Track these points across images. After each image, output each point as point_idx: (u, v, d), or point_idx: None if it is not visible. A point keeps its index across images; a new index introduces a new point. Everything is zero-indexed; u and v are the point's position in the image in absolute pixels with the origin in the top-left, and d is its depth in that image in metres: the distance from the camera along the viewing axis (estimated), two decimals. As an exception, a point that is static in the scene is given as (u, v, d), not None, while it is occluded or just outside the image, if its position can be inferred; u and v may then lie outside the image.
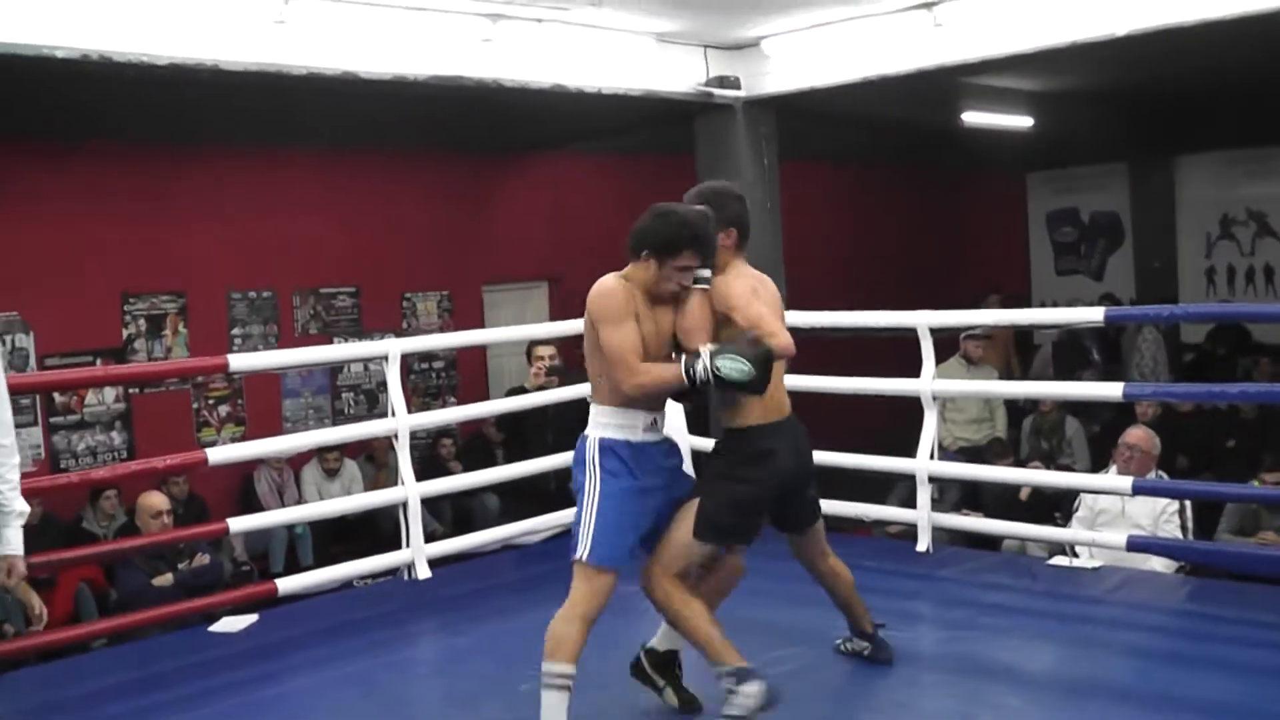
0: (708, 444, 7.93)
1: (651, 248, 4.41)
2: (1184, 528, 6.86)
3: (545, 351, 8.32)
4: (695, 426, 7.67)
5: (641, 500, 4.42)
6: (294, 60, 7.20)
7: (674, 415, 7.53)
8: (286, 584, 6.38)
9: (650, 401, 4.42)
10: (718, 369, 4.19)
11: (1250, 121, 14.46)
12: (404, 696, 5.26)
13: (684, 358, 4.30)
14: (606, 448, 4.40)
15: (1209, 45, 8.67)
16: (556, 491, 8.05)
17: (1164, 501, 6.89)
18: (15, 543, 4.20)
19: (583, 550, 4.37)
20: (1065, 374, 12.95)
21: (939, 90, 10.66)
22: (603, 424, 4.43)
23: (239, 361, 7.01)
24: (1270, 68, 11.10)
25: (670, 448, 4.61)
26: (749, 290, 4.60)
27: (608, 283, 4.47)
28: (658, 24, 8.64)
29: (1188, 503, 6.97)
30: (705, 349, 4.27)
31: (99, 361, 10.16)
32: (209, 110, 9.28)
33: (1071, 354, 13.65)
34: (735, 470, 4.60)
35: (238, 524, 6.42)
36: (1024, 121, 12.99)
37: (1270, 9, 7.26)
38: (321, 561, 8.41)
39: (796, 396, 5.88)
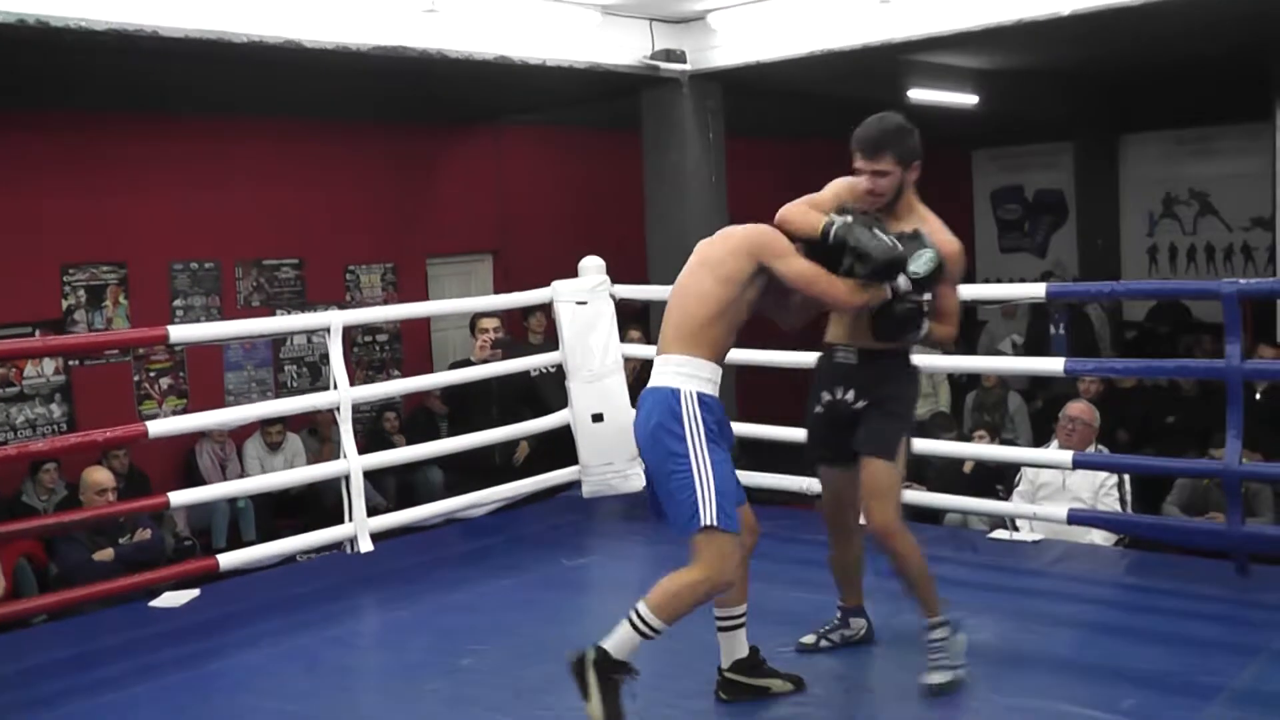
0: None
1: None
2: (1123, 501, 6.94)
3: (490, 324, 8.29)
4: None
5: (731, 461, 4.25)
6: (236, 27, 7.12)
7: (617, 389, 7.56)
8: (228, 559, 6.34)
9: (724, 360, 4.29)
10: (915, 273, 4.26)
11: (1193, 102, 14.61)
12: (346, 671, 5.25)
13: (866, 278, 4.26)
14: (706, 402, 4.16)
15: (1152, 26, 8.73)
16: (502, 465, 8.05)
17: (1104, 475, 6.96)
18: None
19: (709, 515, 4.06)
20: (1036, 349, 13.10)
21: (885, 66, 10.69)
22: (698, 377, 4.18)
23: (180, 333, 6.93)
24: (1213, 49, 11.22)
25: None
26: (961, 273, 4.69)
27: (767, 227, 4.35)
28: (604, -4, 8.62)
29: (1126, 476, 7.05)
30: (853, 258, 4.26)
31: (38, 333, 10.03)
32: (150, 78, 9.17)
33: (1042, 330, 13.78)
34: (908, 389, 4.69)
35: (179, 498, 6.37)
36: (969, 99, 13.04)
37: (1213, -10, 7.33)
38: (264, 536, 8.38)
39: (744, 371, 5.91)
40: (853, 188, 4.54)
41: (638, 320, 10.71)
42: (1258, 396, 9.86)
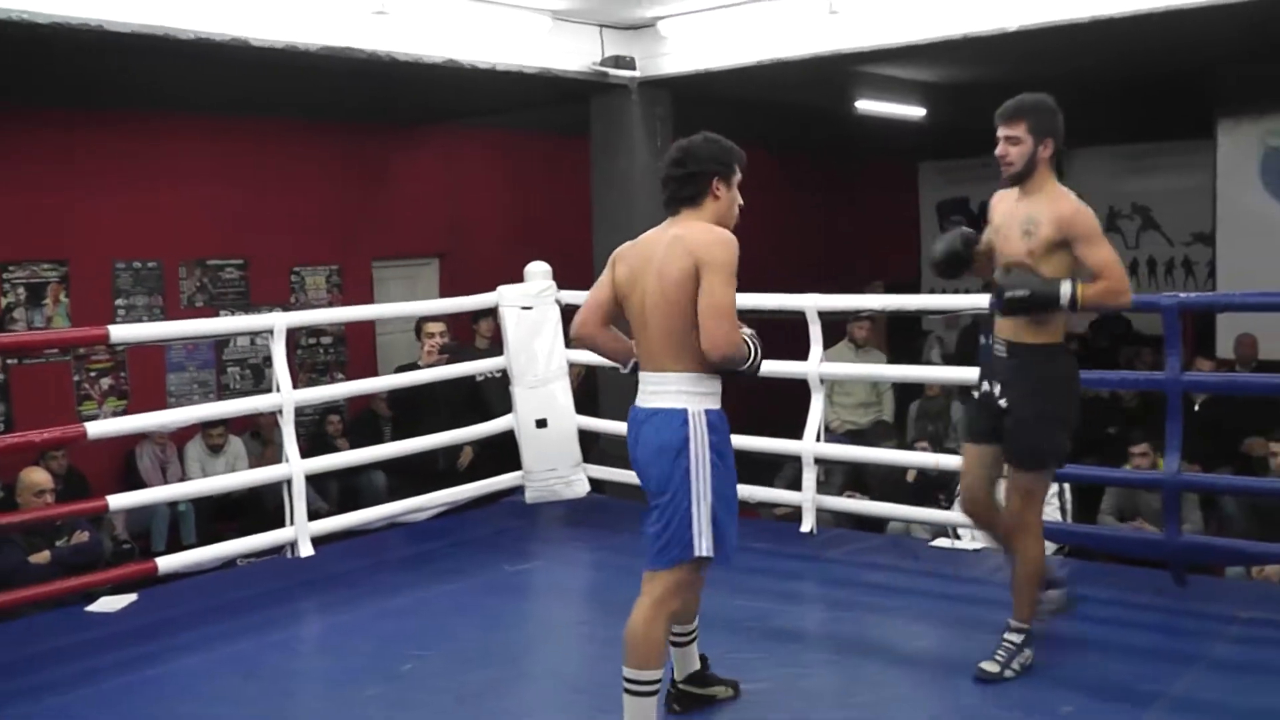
0: (597, 424, 7.99)
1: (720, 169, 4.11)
2: (1063, 510, 7.01)
3: (436, 329, 8.27)
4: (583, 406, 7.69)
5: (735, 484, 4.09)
6: (182, 23, 7.03)
7: (562, 395, 7.56)
8: (167, 562, 6.29)
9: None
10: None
11: (1137, 118, 14.76)
12: (286, 676, 5.20)
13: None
14: (714, 423, 3.98)
15: (1097, 43, 8.82)
16: (446, 469, 8.02)
17: (1044, 485, 7.01)
18: None
19: (705, 546, 3.92)
20: (967, 360, 13.17)
21: (833, 77, 10.73)
22: (699, 393, 3.97)
23: (120, 332, 6.86)
24: (1156, 67, 11.34)
25: None
26: (1098, 228, 4.62)
27: (722, 232, 3.99)
28: (553, 2, 8.59)
29: (1066, 486, 7.11)
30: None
31: (-25, 331, 9.91)
32: (95, 73, 9.06)
33: (972, 341, 13.88)
34: (1052, 391, 4.70)
35: (118, 501, 6.30)
36: (917, 111, 13.11)
37: (1159, 8, 7.42)
38: (205, 540, 8.29)
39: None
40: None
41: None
42: (1196, 408, 9.98)
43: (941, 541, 6.80)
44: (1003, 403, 4.73)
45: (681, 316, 3.94)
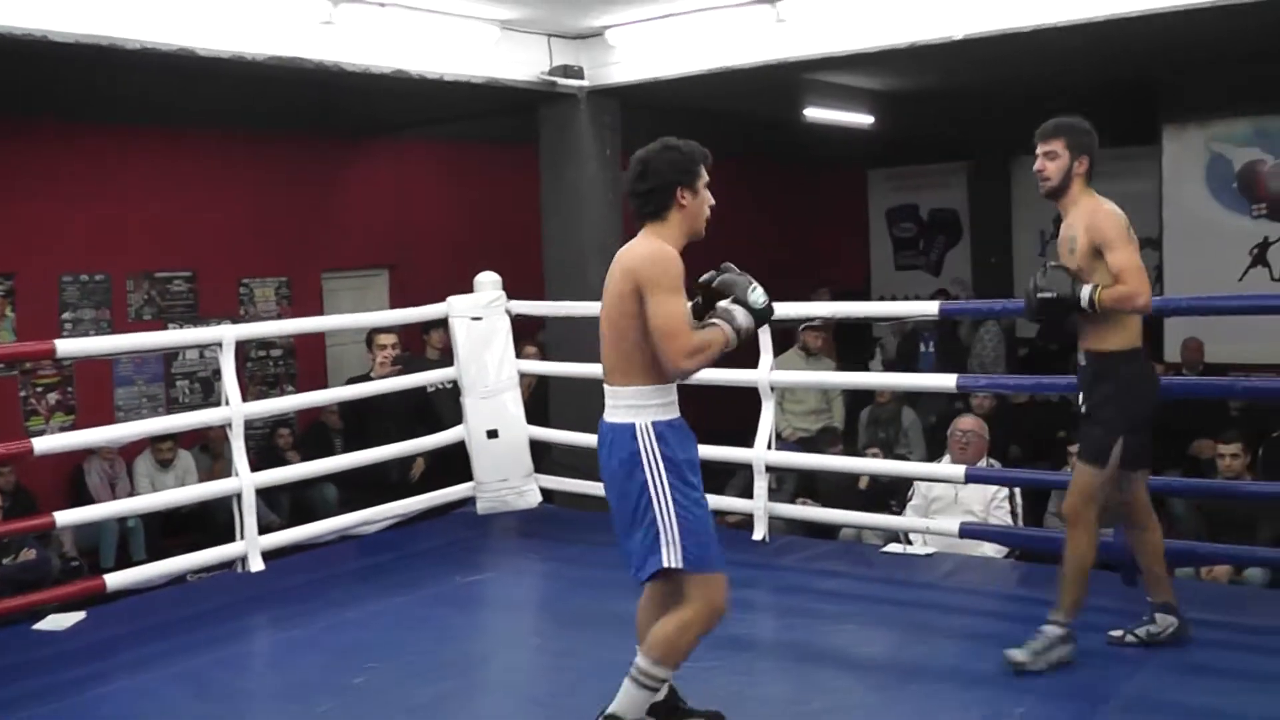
0: (548, 434, 7.98)
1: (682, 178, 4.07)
2: (1014, 514, 7.04)
3: (388, 340, 8.23)
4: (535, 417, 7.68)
5: (704, 498, 4.04)
6: (127, 33, 6.97)
7: (513, 406, 7.54)
8: (115, 579, 6.22)
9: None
10: (756, 303, 4.07)
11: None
12: (236, 693, 5.14)
13: (716, 317, 4.05)
14: (663, 433, 3.95)
15: (1043, 50, 8.90)
16: (398, 481, 7.99)
17: (995, 489, 7.06)
18: None
19: (673, 558, 3.90)
20: (906, 366, 13.27)
21: (782, 85, 10.77)
22: (647, 406, 3.96)
23: (67, 346, 6.78)
24: (1102, 74, 11.46)
25: None
26: (1125, 230, 4.79)
27: (663, 247, 3.97)
28: (501, 11, 8.58)
29: (1017, 490, 7.15)
30: (721, 304, 4.10)
31: (-81, 346, 9.79)
32: (39, 84, 8.99)
33: (911, 347, 13.98)
34: (1122, 393, 4.88)
35: (65, 517, 6.22)
36: (865, 119, 13.18)
37: (1103, 17, 7.48)
38: (154, 556, 8.21)
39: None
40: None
41: (533, 336, 10.71)
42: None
43: (893, 547, 6.82)
44: (1083, 409, 4.98)
45: (625, 333, 3.96)
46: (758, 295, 4.09)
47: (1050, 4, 7.64)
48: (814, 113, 12.52)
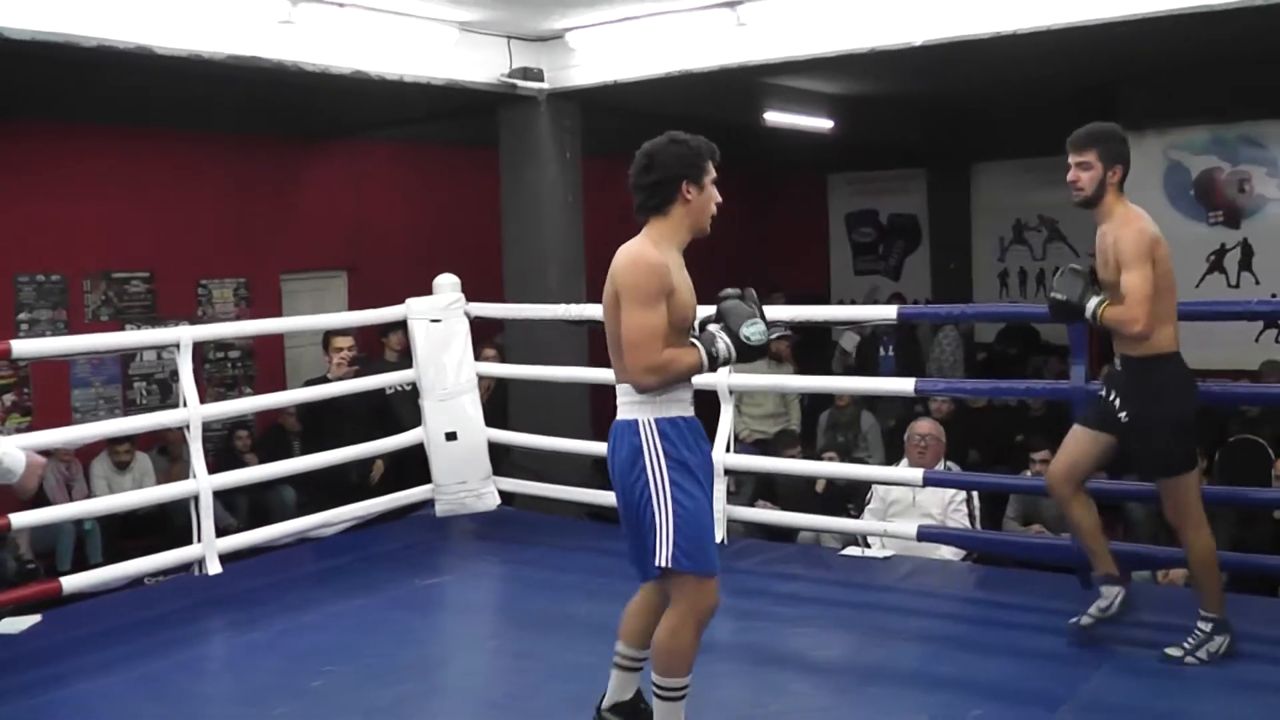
0: (507, 436, 7.97)
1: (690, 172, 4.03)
2: (971, 517, 7.08)
3: (344, 343, 8.20)
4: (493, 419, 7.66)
5: (709, 497, 4.00)
6: (84, 30, 6.91)
7: (471, 408, 7.52)
8: (71, 582, 6.16)
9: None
10: (748, 338, 4.00)
11: (1042, 131, 14.91)
12: (193, 697, 5.11)
13: (699, 339, 4.00)
14: (665, 431, 3.90)
15: (1002, 57, 8.95)
16: (357, 483, 7.96)
17: (952, 492, 7.09)
18: None
19: (665, 557, 3.85)
20: (866, 370, 13.34)
21: (742, 89, 10.81)
22: (651, 402, 3.92)
23: (22, 347, 6.73)
24: (1061, 81, 11.54)
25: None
26: (1146, 250, 4.74)
27: (644, 253, 3.92)
28: (461, 13, 8.56)
29: (975, 493, 7.19)
30: (712, 326, 4.05)
31: None
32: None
33: (871, 351, 14.06)
34: (1165, 403, 4.87)
35: (21, 519, 6.15)
36: (825, 123, 13.22)
37: (1059, 25, 7.54)
38: (111, 559, 8.15)
39: (592, 389, 5.92)
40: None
41: (492, 338, 10.68)
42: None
43: (851, 550, 6.84)
44: (1123, 416, 4.91)
45: (618, 336, 3.95)
46: (753, 330, 4.02)
47: (1009, 12, 7.69)
48: (774, 117, 12.55)
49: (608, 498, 7.15)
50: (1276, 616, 5.78)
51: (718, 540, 6.80)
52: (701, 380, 6.90)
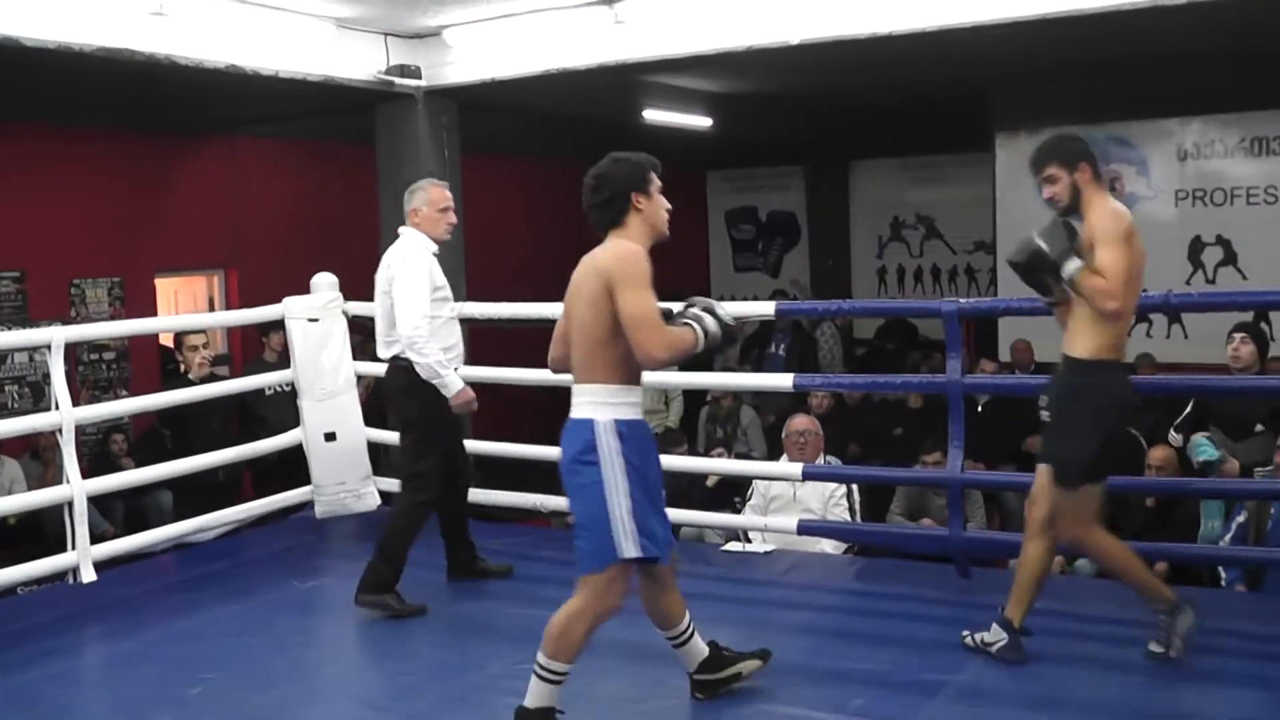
0: (386, 436, 7.91)
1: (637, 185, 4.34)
2: (852, 510, 7.16)
3: (199, 341, 8.09)
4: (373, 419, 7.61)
5: (659, 486, 4.28)
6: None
7: (350, 408, 7.45)
8: (-61, 593, 6.02)
9: (640, 376, 4.21)
10: (724, 318, 4.31)
11: (919, 131, 15.22)
12: (67, 709, 4.99)
13: (684, 319, 4.26)
14: (623, 432, 4.09)
15: (880, 58, 9.07)
16: (225, 485, 7.86)
17: (832, 486, 7.17)
18: None
19: (631, 547, 4.06)
20: (755, 367, 13.46)
21: (620, 86, 10.83)
22: (611, 404, 4.11)
23: (-115, 351, 6.56)
24: (937, 83, 11.72)
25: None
26: (1121, 232, 4.67)
27: (629, 245, 4.20)
28: (337, 9, 8.49)
29: (854, 486, 7.27)
30: (691, 311, 4.30)
31: None
32: None
33: (759, 349, 14.17)
34: (1088, 401, 4.78)
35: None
36: (703, 121, 13.30)
37: (933, 27, 7.67)
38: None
39: (476, 388, 5.90)
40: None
41: (374, 336, 10.58)
42: (980, 409, 10.30)
43: (733, 546, 6.89)
44: (1045, 414, 4.93)
45: (595, 334, 4.11)
46: (726, 314, 4.35)
47: (884, 13, 7.81)
48: (653, 114, 12.60)
49: (487, 496, 7.20)
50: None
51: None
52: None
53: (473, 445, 7.71)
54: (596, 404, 4.12)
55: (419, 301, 5.88)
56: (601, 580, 4.11)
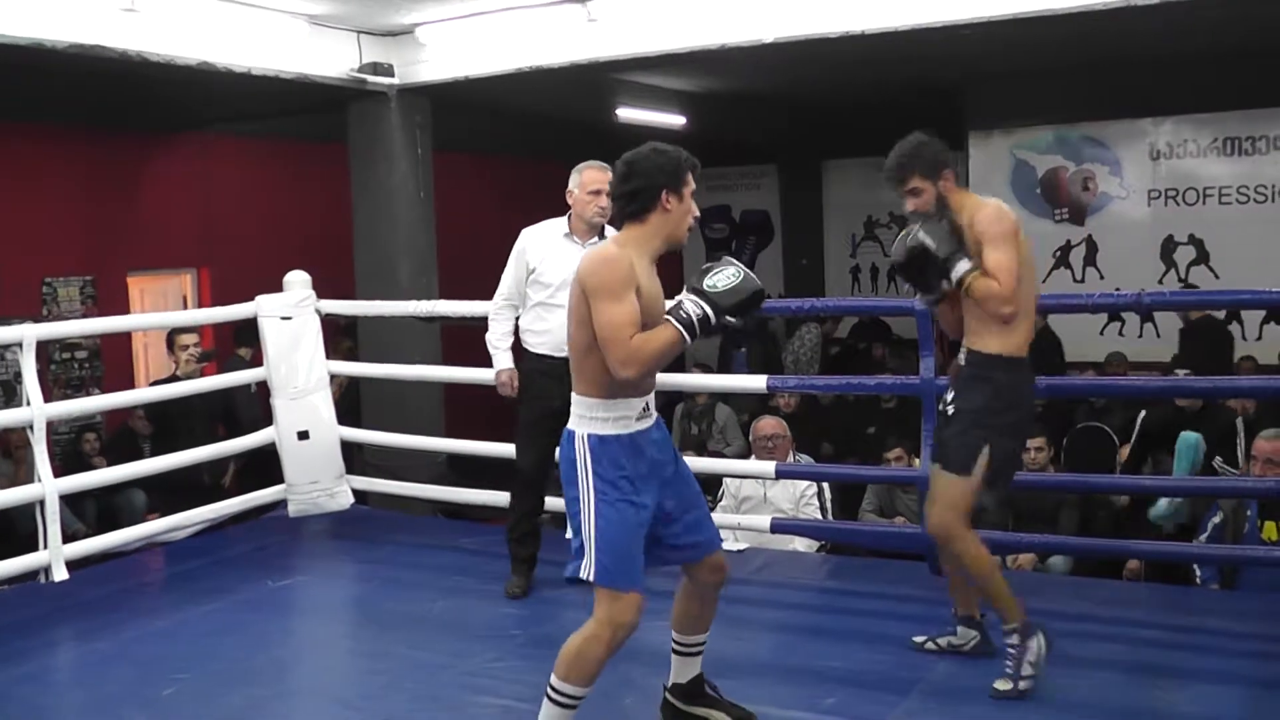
0: (359, 434, 7.90)
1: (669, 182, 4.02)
2: (823, 509, 7.18)
3: (189, 339, 8.06)
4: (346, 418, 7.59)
5: (639, 515, 3.92)
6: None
7: (323, 406, 7.43)
8: (-92, 593, 5.98)
9: (643, 386, 3.95)
10: (713, 286, 3.83)
11: (893, 130, 15.17)
12: (39, 711, 4.95)
13: (667, 315, 3.85)
14: (595, 448, 3.88)
15: (853, 56, 9.09)
16: (211, 485, 7.84)
17: (804, 485, 7.18)
18: None
19: (588, 570, 3.88)
20: (722, 367, 13.48)
21: (593, 85, 10.84)
22: (591, 418, 3.91)
23: None
24: (909, 82, 11.75)
25: (659, 422, 4.11)
26: (1008, 231, 4.52)
27: (609, 251, 3.91)
28: (310, 6, 8.48)
29: (825, 485, 7.29)
30: (684, 294, 3.91)
31: None
32: None
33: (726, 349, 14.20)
34: (994, 397, 4.63)
35: None
36: (677, 120, 13.30)
37: (906, 26, 7.70)
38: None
39: (445, 387, 5.88)
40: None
41: (348, 334, 10.58)
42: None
43: (707, 544, 6.89)
44: (949, 409, 4.74)
45: (577, 343, 3.92)
46: (718, 277, 3.90)
47: (857, 12, 7.83)
48: (626, 113, 12.60)
49: (461, 495, 7.19)
50: (1117, 597, 6.02)
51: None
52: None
53: (442, 444, 7.73)
54: (578, 416, 3.94)
55: (503, 280, 6.09)
56: (605, 605, 3.92)
